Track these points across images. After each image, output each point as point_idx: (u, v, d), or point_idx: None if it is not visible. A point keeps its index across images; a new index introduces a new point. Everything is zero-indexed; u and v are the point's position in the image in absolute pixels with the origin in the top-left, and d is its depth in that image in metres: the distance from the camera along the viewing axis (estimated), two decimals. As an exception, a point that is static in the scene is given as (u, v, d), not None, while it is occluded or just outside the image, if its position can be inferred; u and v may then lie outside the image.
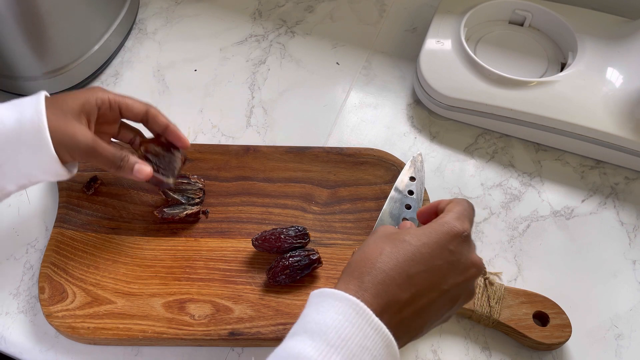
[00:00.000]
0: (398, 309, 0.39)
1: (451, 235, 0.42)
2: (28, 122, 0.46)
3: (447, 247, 0.41)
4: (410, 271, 0.40)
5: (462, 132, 0.68)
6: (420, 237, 0.41)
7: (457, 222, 0.42)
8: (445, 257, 0.41)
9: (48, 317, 0.52)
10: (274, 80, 0.73)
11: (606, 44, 0.67)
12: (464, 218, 0.43)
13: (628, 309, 0.56)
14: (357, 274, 0.40)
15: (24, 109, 0.47)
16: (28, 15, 0.60)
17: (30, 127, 0.46)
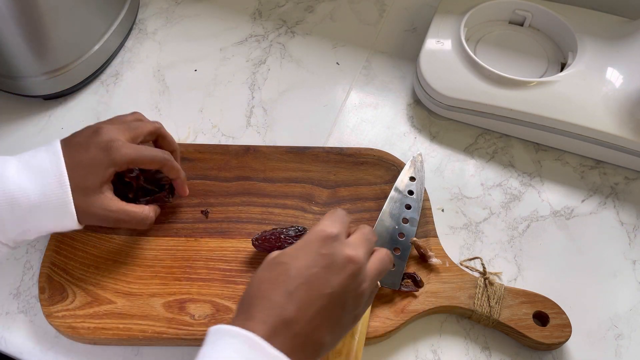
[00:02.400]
0: (288, 328, 0.39)
1: (320, 240, 0.42)
2: (53, 198, 0.47)
3: (319, 252, 0.42)
4: (289, 288, 0.40)
5: (462, 132, 0.68)
6: (292, 252, 0.42)
7: (325, 225, 0.43)
8: (319, 263, 0.41)
9: (48, 317, 0.52)
10: (274, 80, 0.73)
11: (606, 44, 0.67)
12: (333, 221, 0.44)
13: (628, 309, 0.56)
14: (246, 308, 0.41)
15: (47, 180, 0.47)
16: (28, 15, 0.60)
17: (56, 202, 0.47)
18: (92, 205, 0.49)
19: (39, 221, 0.48)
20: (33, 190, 0.47)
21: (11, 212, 0.46)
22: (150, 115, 0.69)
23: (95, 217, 0.50)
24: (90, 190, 0.49)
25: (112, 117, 0.55)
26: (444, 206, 0.62)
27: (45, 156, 0.49)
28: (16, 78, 0.66)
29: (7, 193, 0.46)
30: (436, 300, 0.54)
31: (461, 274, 0.55)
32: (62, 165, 0.48)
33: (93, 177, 0.49)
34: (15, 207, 0.46)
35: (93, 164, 0.49)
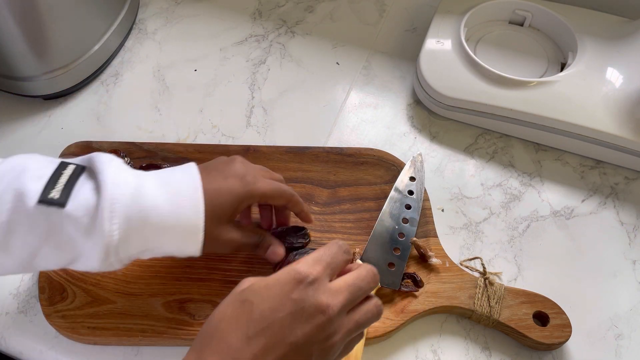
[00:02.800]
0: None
1: (295, 282, 0.38)
2: (185, 222, 0.45)
3: (289, 296, 0.38)
4: (249, 333, 0.37)
5: (462, 132, 0.68)
6: (262, 291, 0.38)
7: (304, 266, 0.39)
8: (287, 308, 0.37)
9: (48, 317, 0.52)
10: (274, 80, 0.73)
11: (606, 44, 0.67)
12: (316, 261, 0.40)
13: (628, 309, 0.56)
14: (199, 347, 0.37)
15: (183, 203, 0.45)
16: (28, 15, 0.60)
17: (186, 227, 0.45)
18: (221, 234, 0.48)
19: (162, 243, 0.45)
20: (167, 210, 0.44)
21: (141, 228, 0.43)
22: (150, 115, 0.69)
23: (221, 245, 0.48)
24: (224, 219, 0.48)
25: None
26: (444, 206, 0.62)
27: (182, 178, 0.46)
28: (16, 78, 0.66)
29: (143, 209, 0.43)
30: (436, 300, 0.54)
31: (461, 274, 0.55)
32: (200, 191, 0.46)
33: (229, 206, 0.47)
34: (147, 224, 0.43)
35: (231, 193, 0.48)
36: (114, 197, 0.42)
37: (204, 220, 0.45)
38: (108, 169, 0.43)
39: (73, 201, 0.42)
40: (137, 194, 0.43)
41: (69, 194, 0.42)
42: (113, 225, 0.42)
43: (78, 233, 0.42)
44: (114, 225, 0.42)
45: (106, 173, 0.43)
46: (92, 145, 0.63)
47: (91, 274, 0.54)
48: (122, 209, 0.42)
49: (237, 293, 0.39)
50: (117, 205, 0.42)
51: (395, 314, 0.53)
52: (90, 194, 0.42)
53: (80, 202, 0.42)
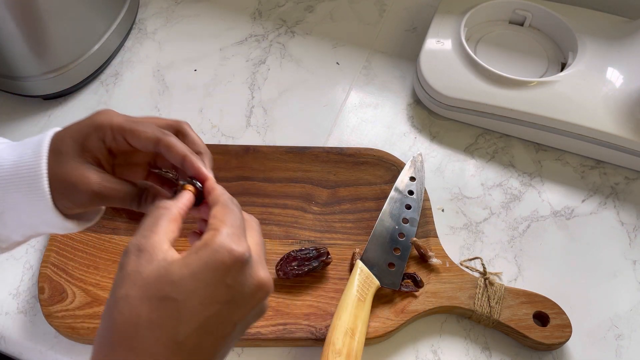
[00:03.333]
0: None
1: (227, 266, 0.32)
2: (25, 166, 0.39)
3: (223, 282, 0.32)
4: (177, 337, 0.31)
5: (462, 132, 0.68)
6: (187, 283, 0.32)
7: (233, 242, 0.33)
8: (222, 298, 0.32)
9: (48, 317, 0.52)
10: (274, 80, 0.73)
11: (606, 44, 0.67)
12: (238, 233, 0.34)
13: (628, 309, 0.56)
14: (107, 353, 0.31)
15: (25, 150, 0.40)
16: (28, 15, 0.60)
17: (26, 172, 0.39)
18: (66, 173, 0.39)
19: (12, 199, 0.40)
20: (9, 160, 0.39)
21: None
22: (150, 115, 0.69)
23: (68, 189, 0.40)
24: (68, 155, 0.40)
25: None
26: (444, 206, 0.62)
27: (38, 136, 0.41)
28: (16, 78, 0.66)
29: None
30: (436, 300, 0.53)
31: (461, 274, 0.55)
32: (47, 137, 0.40)
33: (71, 141, 0.40)
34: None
35: (74, 129, 0.40)
36: None
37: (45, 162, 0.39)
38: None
39: None
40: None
41: None
42: None
43: None
44: None
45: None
46: (92, 145, 0.63)
47: (91, 273, 0.54)
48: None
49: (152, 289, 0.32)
50: None
51: (395, 314, 0.53)
52: None
53: None
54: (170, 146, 0.39)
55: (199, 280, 0.32)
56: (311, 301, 0.54)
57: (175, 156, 0.40)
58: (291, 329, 0.52)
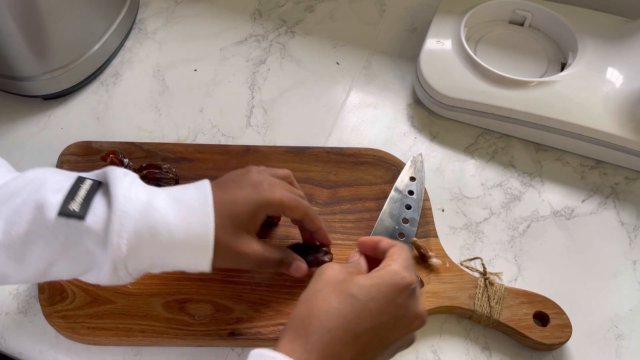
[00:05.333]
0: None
1: (400, 288, 0.41)
2: (195, 238, 0.44)
3: (395, 300, 0.41)
4: (357, 330, 0.39)
5: (462, 132, 0.68)
6: (369, 290, 0.40)
7: (406, 272, 0.42)
8: (392, 312, 0.40)
9: (48, 317, 0.52)
10: (274, 80, 0.73)
11: (606, 44, 0.67)
12: (410, 268, 0.43)
13: (628, 309, 0.56)
14: (303, 332, 0.39)
15: (192, 219, 0.44)
16: (28, 15, 0.60)
17: (196, 243, 0.44)
18: (240, 245, 0.46)
19: (172, 259, 0.45)
20: (176, 226, 0.43)
21: (150, 243, 0.43)
22: (150, 115, 0.69)
23: (242, 258, 0.47)
24: (241, 228, 0.46)
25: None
26: (444, 206, 0.62)
27: (194, 193, 0.46)
28: (16, 78, 0.66)
29: (152, 223, 0.43)
30: (436, 300, 0.53)
31: (461, 274, 0.55)
32: (210, 206, 0.44)
33: (245, 215, 0.46)
34: (156, 239, 0.43)
35: (246, 202, 0.46)
36: (124, 210, 0.42)
37: (213, 236, 0.44)
38: (120, 183, 0.43)
39: (92, 215, 0.42)
40: (148, 208, 0.43)
41: (88, 207, 0.42)
42: (121, 239, 0.42)
43: (94, 246, 0.42)
44: (122, 239, 0.42)
45: (118, 187, 0.43)
46: (91, 145, 0.63)
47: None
48: (131, 223, 0.42)
49: (339, 284, 0.41)
50: (127, 219, 0.42)
51: (396, 314, 0.53)
52: (105, 208, 0.43)
53: (98, 216, 0.42)
54: (313, 219, 0.51)
55: (378, 291, 0.40)
56: (311, 301, 0.54)
57: (313, 226, 0.51)
58: (291, 329, 0.52)
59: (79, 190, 0.43)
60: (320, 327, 0.39)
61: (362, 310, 0.39)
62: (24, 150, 0.66)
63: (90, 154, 0.62)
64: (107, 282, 0.44)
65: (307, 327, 0.39)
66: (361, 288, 0.40)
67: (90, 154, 0.62)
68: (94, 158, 0.62)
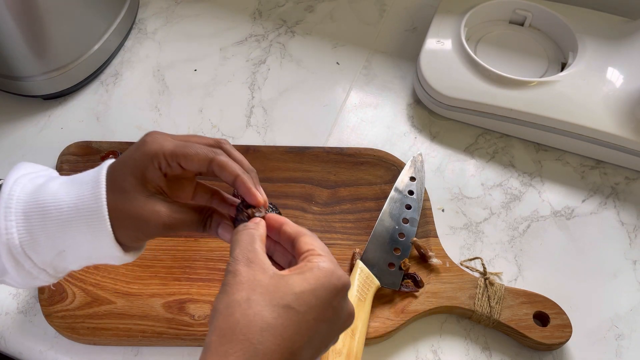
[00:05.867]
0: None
1: (338, 290, 0.37)
2: (85, 208, 0.40)
3: (331, 304, 0.36)
4: (294, 347, 0.34)
5: (462, 132, 0.68)
6: (307, 298, 0.35)
7: (340, 270, 0.37)
8: (328, 317, 0.36)
9: (48, 317, 0.52)
10: (274, 80, 0.73)
11: (606, 44, 0.67)
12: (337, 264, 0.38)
13: (628, 309, 0.56)
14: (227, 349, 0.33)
15: (82, 191, 0.41)
16: (28, 15, 0.60)
17: (87, 213, 0.40)
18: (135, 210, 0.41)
19: (73, 240, 0.41)
20: (67, 203, 0.40)
21: (43, 225, 0.40)
22: (150, 115, 0.69)
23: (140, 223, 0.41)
24: (132, 190, 0.41)
25: None
26: (444, 206, 0.62)
27: (91, 171, 0.43)
28: (16, 78, 0.66)
29: (40, 203, 0.40)
30: (436, 300, 0.53)
31: (461, 274, 0.55)
32: (102, 176, 0.41)
33: (132, 177, 0.41)
34: (47, 219, 0.40)
35: (127, 163, 0.42)
36: (10, 194, 0.40)
37: (105, 204, 0.40)
38: (15, 171, 0.42)
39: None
40: (37, 190, 0.41)
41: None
42: (9, 222, 0.40)
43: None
44: (10, 222, 0.40)
45: (11, 175, 0.42)
46: (91, 145, 0.63)
47: (91, 273, 0.54)
48: (19, 206, 0.40)
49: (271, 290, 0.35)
50: (13, 202, 0.40)
51: (396, 314, 0.53)
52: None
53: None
54: (223, 166, 0.42)
55: (317, 297, 0.36)
56: (311, 301, 0.54)
57: (227, 175, 0.42)
58: (291, 329, 0.52)
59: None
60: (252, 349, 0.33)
61: (299, 323, 0.35)
62: (24, 150, 0.66)
63: (90, 154, 0.62)
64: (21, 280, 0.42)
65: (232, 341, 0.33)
66: (298, 297, 0.35)
67: (90, 154, 0.62)
68: (93, 158, 0.62)
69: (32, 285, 0.43)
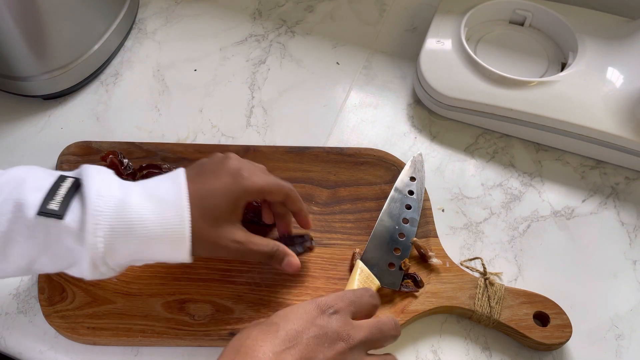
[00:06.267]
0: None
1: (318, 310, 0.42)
2: (170, 232, 0.44)
3: (313, 321, 0.41)
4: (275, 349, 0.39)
5: (462, 132, 0.68)
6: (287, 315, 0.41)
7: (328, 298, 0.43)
8: (311, 332, 0.40)
9: (47, 317, 0.52)
10: (274, 80, 0.73)
11: (606, 43, 0.67)
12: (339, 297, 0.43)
13: (628, 309, 0.56)
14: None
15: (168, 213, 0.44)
16: (28, 15, 0.60)
17: (172, 236, 0.44)
18: (221, 236, 0.47)
19: (152, 254, 0.45)
20: (152, 222, 0.44)
21: (127, 240, 0.43)
22: (150, 115, 0.69)
23: (224, 248, 0.47)
24: (222, 219, 0.47)
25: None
26: (444, 206, 0.62)
27: (169, 187, 0.46)
28: (16, 78, 0.66)
29: (126, 220, 0.43)
30: (436, 300, 0.53)
31: (461, 274, 0.55)
32: (185, 199, 0.45)
33: (224, 205, 0.47)
34: (132, 236, 0.43)
35: (225, 192, 0.47)
36: (97, 210, 0.42)
37: (190, 229, 0.44)
38: (93, 181, 0.44)
39: (70, 214, 0.43)
40: (122, 205, 0.43)
41: (67, 206, 0.43)
42: (97, 238, 0.42)
43: (73, 243, 0.43)
44: (97, 238, 0.42)
45: (90, 186, 0.43)
46: (91, 145, 0.63)
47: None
48: (106, 222, 0.43)
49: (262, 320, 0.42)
50: (100, 217, 0.42)
51: (396, 314, 0.53)
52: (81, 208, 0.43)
53: (75, 214, 0.43)
54: (295, 200, 0.52)
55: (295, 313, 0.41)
56: (311, 301, 0.54)
57: (295, 207, 0.52)
58: (291, 329, 0.52)
59: (58, 189, 0.43)
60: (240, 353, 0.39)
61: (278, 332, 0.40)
62: (24, 150, 0.66)
63: (90, 154, 0.62)
64: (90, 277, 0.45)
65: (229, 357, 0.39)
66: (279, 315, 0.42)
67: (90, 154, 0.62)
68: (93, 158, 0.62)
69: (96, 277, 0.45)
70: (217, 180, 0.47)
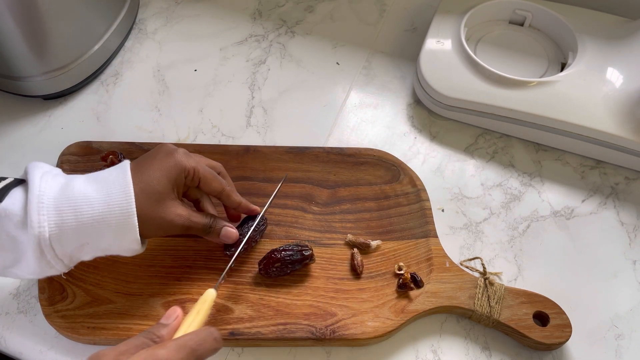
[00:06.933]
0: None
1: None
2: (117, 208, 0.45)
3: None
4: None
5: (462, 132, 0.68)
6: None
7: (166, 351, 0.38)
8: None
9: (48, 317, 0.52)
10: (274, 80, 0.73)
11: (606, 44, 0.67)
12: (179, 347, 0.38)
13: (628, 309, 0.56)
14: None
15: (111, 191, 0.46)
16: (28, 15, 0.60)
17: (118, 213, 0.45)
18: (166, 211, 0.48)
19: (99, 235, 0.45)
20: (97, 199, 0.45)
21: (74, 221, 0.44)
22: (150, 115, 0.69)
23: (169, 224, 0.48)
24: (164, 194, 0.48)
25: None
26: (444, 206, 0.62)
27: (113, 170, 0.48)
28: (16, 78, 0.66)
29: (71, 198, 0.44)
30: (436, 300, 0.53)
31: (461, 274, 0.55)
32: (128, 177, 0.46)
33: (165, 181, 0.48)
34: (79, 215, 0.44)
35: (162, 168, 0.48)
36: (41, 190, 0.43)
37: (134, 205, 0.45)
38: (37, 169, 0.45)
39: (9, 198, 0.44)
40: (66, 187, 0.45)
41: (5, 194, 0.44)
42: (42, 217, 0.43)
43: (15, 229, 0.43)
44: (42, 217, 0.43)
45: (35, 173, 0.45)
46: (92, 145, 0.63)
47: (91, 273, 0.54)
48: (50, 202, 0.43)
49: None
50: (45, 197, 0.43)
51: (395, 314, 0.53)
52: (23, 194, 0.44)
53: (15, 199, 0.44)
54: (230, 195, 0.53)
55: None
56: (311, 301, 0.54)
57: (232, 202, 0.54)
58: (291, 329, 0.52)
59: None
60: None
61: None
62: (24, 150, 0.66)
63: (90, 154, 0.62)
64: (37, 270, 0.45)
65: None
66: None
67: (90, 154, 0.62)
68: (94, 158, 0.62)
69: (43, 275, 0.46)
70: (155, 160, 0.49)
